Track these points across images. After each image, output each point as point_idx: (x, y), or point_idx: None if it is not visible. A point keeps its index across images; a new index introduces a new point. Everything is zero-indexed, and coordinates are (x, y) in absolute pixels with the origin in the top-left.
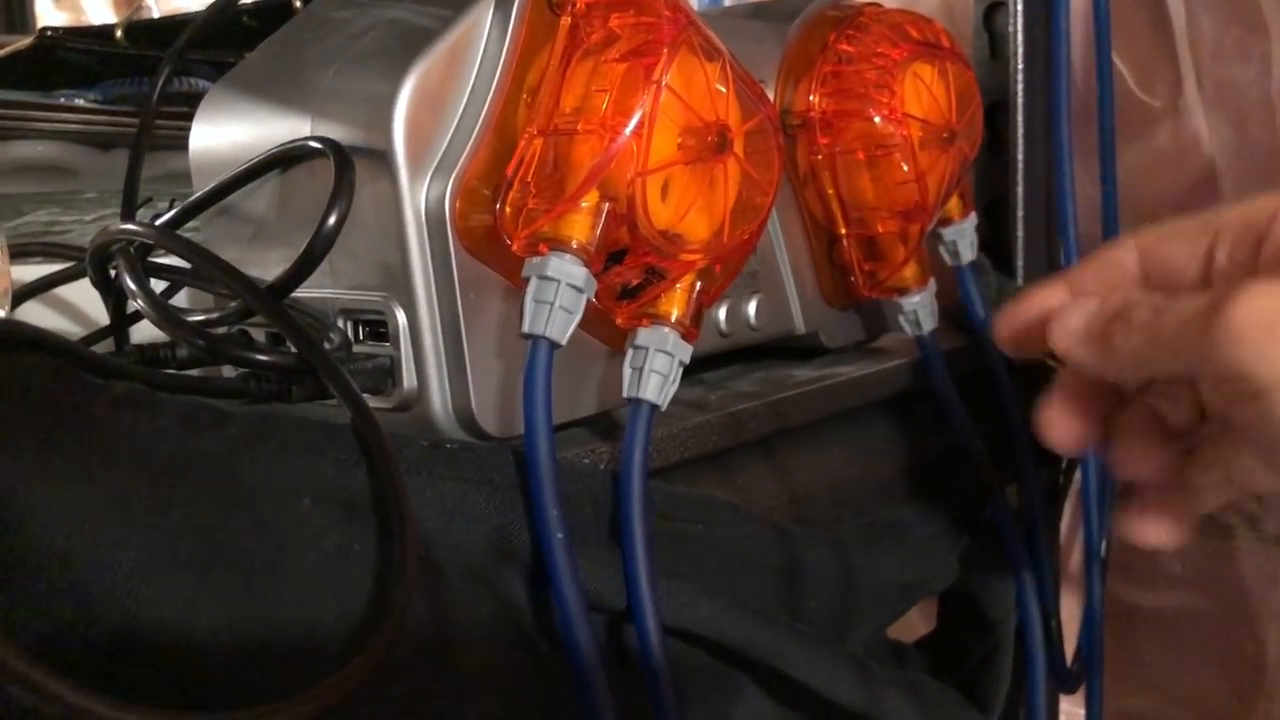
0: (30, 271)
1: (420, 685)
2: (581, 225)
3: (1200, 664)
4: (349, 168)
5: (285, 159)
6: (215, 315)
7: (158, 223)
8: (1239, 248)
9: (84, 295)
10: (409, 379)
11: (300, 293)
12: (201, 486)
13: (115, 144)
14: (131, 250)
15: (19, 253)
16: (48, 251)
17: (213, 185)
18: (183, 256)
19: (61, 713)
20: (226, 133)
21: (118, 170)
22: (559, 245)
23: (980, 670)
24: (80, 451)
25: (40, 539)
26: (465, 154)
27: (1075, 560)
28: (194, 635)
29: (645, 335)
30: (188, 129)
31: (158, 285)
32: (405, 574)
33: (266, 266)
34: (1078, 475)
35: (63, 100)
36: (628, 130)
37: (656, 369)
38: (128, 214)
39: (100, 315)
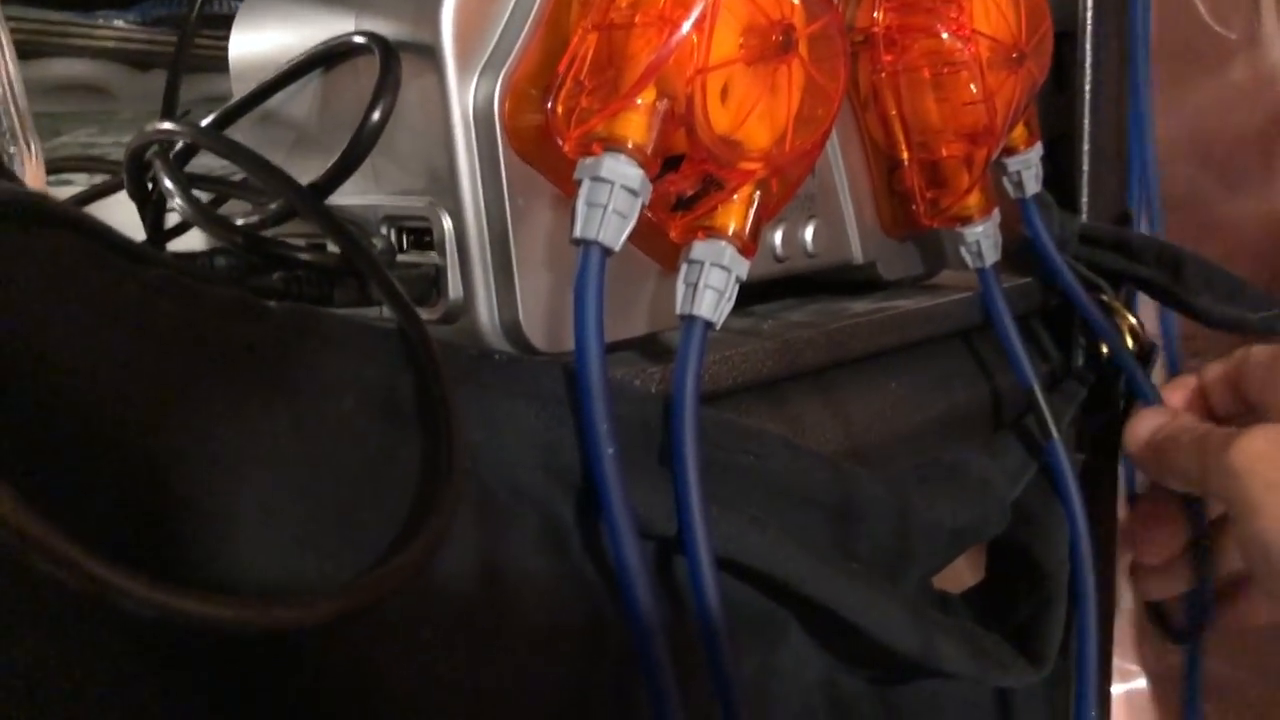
0: (68, 193)
1: (465, 599)
2: (637, 124)
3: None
4: (394, 62)
5: (328, 57)
6: (255, 219)
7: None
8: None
9: (121, 213)
10: (454, 289)
11: (343, 200)
12: (238, 378)
13: (153, 64)
14: (170, 154)
15: (55, 169)
16: (84, 167)
17: (253, 88)
18: (221, 154)
19: (80, 583)
20: (267, 36)
21: (155, 92)
22: (613, 145)
23: (1031, 623)
24: (110, 335)
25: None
26: (516, 50)
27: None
28: (227, 528)
29: (701, 249)
30: (225, 50)
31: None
32: (453, 477)
33: (308, 174)
34: None
35: (101, 20)
36: (688, 24)
37: (712, 284)
38: None
39: (139, 234)
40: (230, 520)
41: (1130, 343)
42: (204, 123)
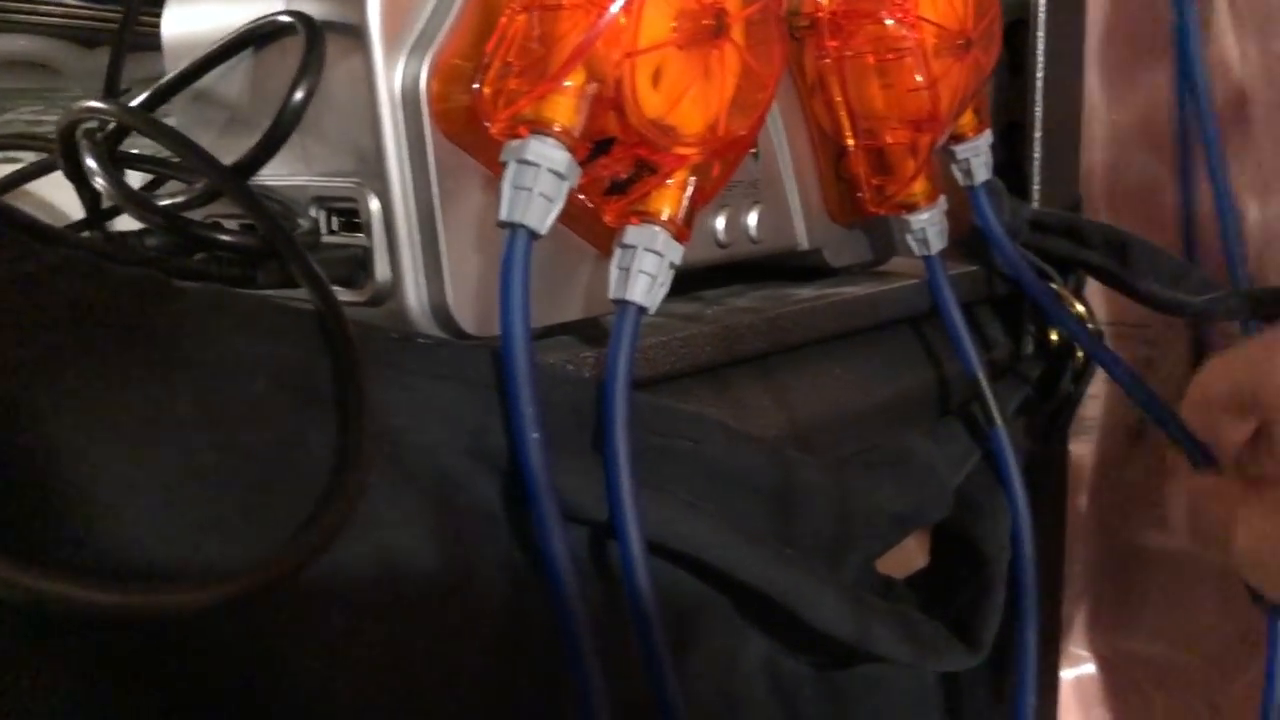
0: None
1: (381, 583)
2: (565, 107)
3: (1204, 606)
4: (319, 42)
5: (256, 37)
6: (181, 199)
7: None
8: None
9: (64, 193)
10: (382, 271)
11: (274, 180)
12: (140, 358)
13: (99, 41)
14: (98, 133)
15: (0, 146)
16: (30, 145)
17: (183, 67)
18: (146, 133)
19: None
20: (198, 13)
21: (102, 70)
22: (540, 128)
23: (970, 609)
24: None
25: None
26: (444, 31)
27: (1083, 500)
28: (126, 513)
29: (634, 233)
30: None
31: (136, 180)
32: (361, 459)
33: (240, 153)
34: (1089, 411)
35: None
36: (616, 6)
37: (645, 269)
38: None
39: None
40: (123, 503)
41: None
42: (135, 102)
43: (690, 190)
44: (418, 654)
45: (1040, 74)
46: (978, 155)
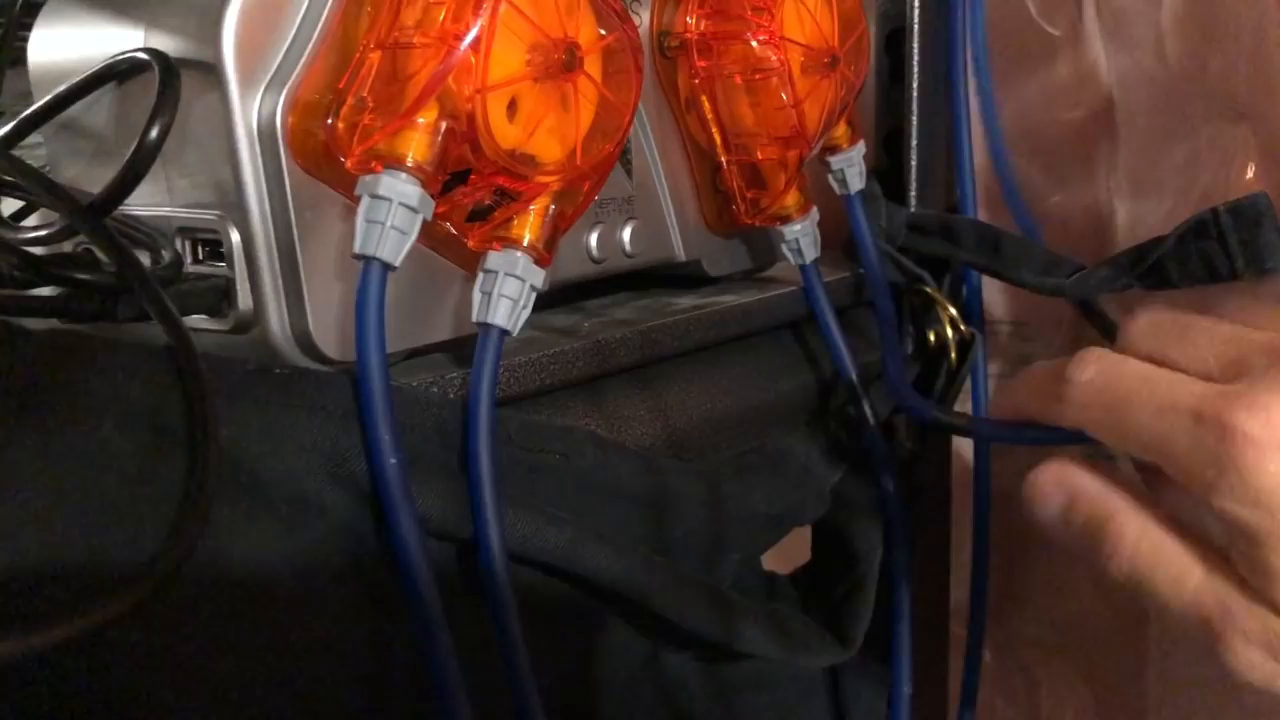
0: None
1: (229, 611)
2: (418, 143)
3: (1083, 591)
4: (174, 80)
5: (116, 72)
6: (42, 233)
7: None
8: None
9: None
10: (245, 300)
11: (141, 210)
12: None
13: None
14: None
15: None
16: None
17: (47, 99)
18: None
19: None
20: (63, 43)
21: None
22: (393, 163)
23: (843, 604)
24: None
25: None
26: (300, 67)
27: (968, 493)
28: None
29: (495, 259)
30: None
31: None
32: (201, 499)
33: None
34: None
35: None
36: (464, 44)
37: (506, 294)
38: None
39: None
40: None
41: (950, 332)
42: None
43: (551, 215)
44: (275, 681)
45: (916, 82)
46: (851, 165)
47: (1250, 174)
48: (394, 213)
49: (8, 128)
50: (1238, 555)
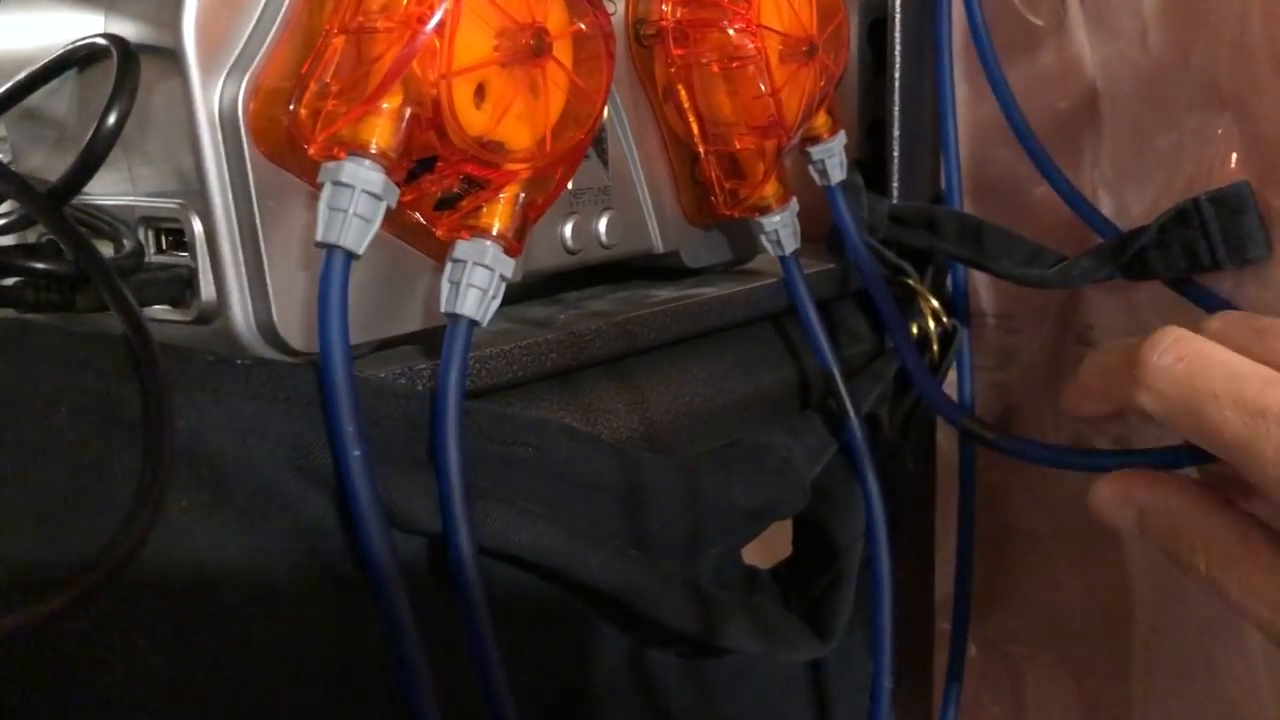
0: None
1: (187, 603)
2: (382, 129)
3: (1069, 586)
4: (132, 66)
5: (76, 59)
6: (1, 222)
7: None
8: None
9: None
10: (207, 290)
11: (104, 199)
12: None
13: None
14: None
15: None
16: None
17: (7, 86)
18: None
19: None
20: (23, 29)
21: None
22: (356, 149)
23: (823, 599)
24: None
25: None
26: (263, 53)
27: (953, 488)
28: None
29: (464, 248)
30: None
31: None
32: (155, 489)
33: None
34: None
35: None
36: (428, 28)
37: (475, 283)
38: None
39: None
40: None
41: (933, 324)
42: None
43: (521, 204)
44: (236, 677)
45: (898, 72)
46: (832, 156)
47: (1233, 163)
48: (357, 200)
49: None
50: None
